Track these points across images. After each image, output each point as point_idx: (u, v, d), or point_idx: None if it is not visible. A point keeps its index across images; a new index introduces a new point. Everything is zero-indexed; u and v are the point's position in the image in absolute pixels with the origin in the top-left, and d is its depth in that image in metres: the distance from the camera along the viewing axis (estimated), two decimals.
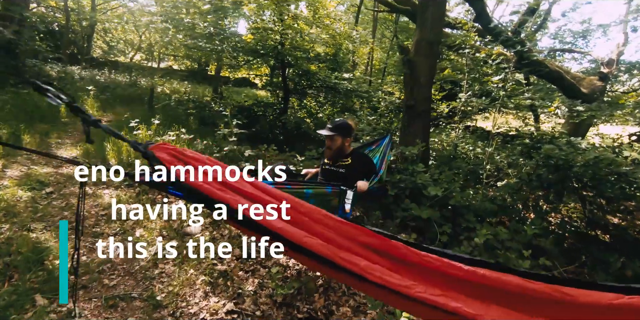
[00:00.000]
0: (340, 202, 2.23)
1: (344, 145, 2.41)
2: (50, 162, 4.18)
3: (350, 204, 2.21)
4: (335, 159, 2.44)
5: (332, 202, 2.23)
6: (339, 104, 7.66)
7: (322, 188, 2.20)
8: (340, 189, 2.21)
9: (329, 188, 2.20)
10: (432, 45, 4.16)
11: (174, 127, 5.51)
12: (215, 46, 6.10)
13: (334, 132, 2.35)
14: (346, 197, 2.22)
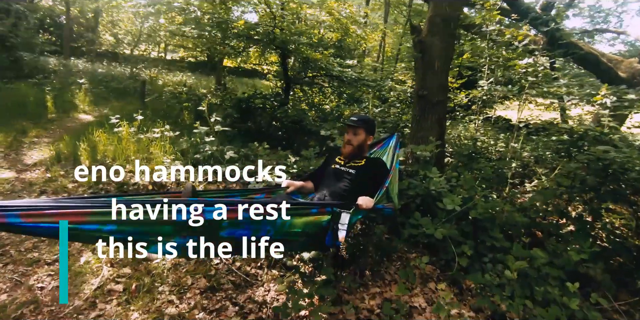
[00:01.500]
0: (330, 228, 1.66)
1: (366, 143, 2.16)
2: (15, 165, 3.74)
3: (345, 230, 1.64)
4: (351, 157, 2.09)
5: (315, 228, 1.66)
6: (345, 94, 7.02)
7: (305, 209, 1.62)
8: (333, 211, 1.64)
9: (315, 210, 1.64)
10: (449, 23, 3.49)
11: (159, 123, 5.01)
12: (202, 31, 5.52)
13: (360, 124, 2.09)
14: (340, 222, 1.64)
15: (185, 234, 1.37)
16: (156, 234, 1.31)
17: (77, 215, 1.13)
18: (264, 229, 1.54)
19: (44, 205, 1.13)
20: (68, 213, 1.11)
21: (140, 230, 1.28)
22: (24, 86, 7.42)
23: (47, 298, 1.93)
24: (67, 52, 12.27)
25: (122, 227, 1.23)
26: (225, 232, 1.45)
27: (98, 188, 3.35)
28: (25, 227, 1.09)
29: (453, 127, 4.87)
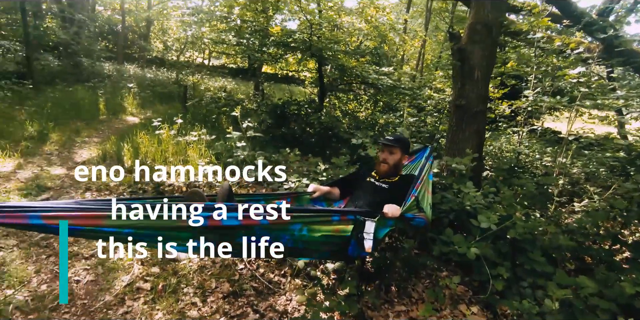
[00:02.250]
0: (354, 237, 1.60)
1: (401, 162, 2.15)
2: (67, 162, 4.03)
3: (371, 239, 1.57)
4: (386, 176, 2.09)
5: (337, 237, 1.60)
6: (381, 102, 6.91)
7: (325, 217, 1.57)
8: (356, 219, 1.58)
9: (336, 217, 1.57)
10: (491, 29, 3.32)
11: (197, 126, 5.21)
12: (240, 39, 5.70)
13: (397, 144, 2.11)
14: (365, 231, 1.58)
15: (204, 239, 1.38)
16: (174, 239, 1.32)
17: (86, 218, 1.15)
18: (284, 238, 1.51)
19: (65, 207, 1.17)
20: (92, 217, 1.14)
21: (159, 234, 1.29)
22: (81, 89, 8.06)
23: (82, 291, 2.03)
24: (120, 59, 13.22)
25: (140, 231, 1.24)
26: (241, 239, 1.44)
27: (136, 187, 3.52)
28: (45, 227, 1.13)
29: (493, 139, 4.62)
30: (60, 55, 10.34)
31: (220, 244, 1.38)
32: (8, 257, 2.20)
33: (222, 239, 1.39)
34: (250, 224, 1.36)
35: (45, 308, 1.86)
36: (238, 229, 1.37)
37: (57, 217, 1.11)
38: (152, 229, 1.25)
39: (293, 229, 1.47)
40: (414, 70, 11.90)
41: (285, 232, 1.49)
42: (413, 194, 1.95)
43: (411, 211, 1.89)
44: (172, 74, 12.05)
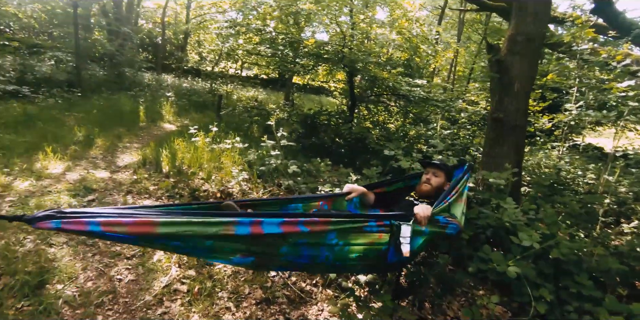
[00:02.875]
0: (391, 243, 1.57)
1: (443, 187, 2.17)
2: (110, 166, 4.26)
3: (409, 243, 1.54)
4: (425, 197, 2.12)
5: (374, 251, 1.59)
6: (412, 113, 6.86)
7: (361, 222, 1.53)
8: (392, 224, 1.56)
9: (372, 222, 1.55)
10: (532, 41, 3.24)
11: (230, 134, 5.37)
12: (275, 51, 5.87)
13: (443, 168, 2.19)
14: (401, 235, 1.56)
15: (246, 254, 1.39)
16: (219, 252, 1.34)
17: (149, 225, 1.19)
18: (323, 255, 1.51)
19: (123, 212, 1.21)
20: (142, 223, 1.18)
21: (204, 247, 1.31)
22: (124, 97, 8.54)
23: (124, 290, 2.12)
24: (159, 69, 13.92)
25: (187, 240, 1.25)
26: (284, 258, 1.45)
27: (174, 192, 3.65)
28: (104, 235, 1.18)
29: (532, 154, 4.44)
30: (105, 66, 11.06)
31: (262, 257, 1.40)
32: (59, 253, 2.34)
33: (264, 252, 1.40)
34: (291, 232, 1.37)
35: (91, 304, 1.95)
36: (279, 240, 1.38)
37: (114, 224, 1.15)
38: (199, 237, 1.25)
39: (330, 240, 1.47)
40: (445, 82, 11.75)
41: (323, 246, 1.49)
42: (447, 200, 1.92)
43: (443, 214, 1.85)
44: (207, 84, 12.54)
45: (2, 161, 3.76)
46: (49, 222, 1.09)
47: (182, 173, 4.12)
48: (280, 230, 1.33)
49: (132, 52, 11.70)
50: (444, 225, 1.82)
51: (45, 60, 9.66)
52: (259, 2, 7.25)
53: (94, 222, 1.12)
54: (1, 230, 2.48)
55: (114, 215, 1.17)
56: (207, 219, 1.23)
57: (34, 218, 1.08)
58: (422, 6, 17.21)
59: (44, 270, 2.13)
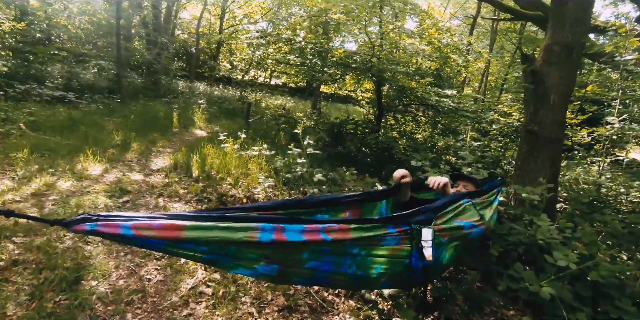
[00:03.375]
0: (414, 247, 1.53)
1: None
2: (144, 169, 4.45)
3: (430, 246, 1.50)
4: None
5: (397, 264, 1.55)
6: (441, 124, 6.74)
7: (379, 230, 1.48)
8: (412, 228, 1.52)
9: (392, 229, 1.50)
10: (570, 51, 3.12)
11: (258, 141, 5.48)
12: (304, 60, 5.99)
13: (474, 183, 2.17)
14: (422, 239, 1.52)
15: (270, 261, 1.40)
16: (243, 259, 1.37)
17: (176, 229, 1.23)
18: (345, 264, 1.50)
19: (153, 216, 1.27)
20: (170, 226, 1.21)
21: (229, 253, 1.33)
22: (159, 104, 8.95)
23: (152, 290, 2.19)
24: (192, 77, 14.51)
25: (213, 246, 1.28)
26: (308, 265, 1.45)
27: (202, 196, 3.76)
28: (135, 239, 1.22)
29: (570, 169, 4.22)
30: (143, 73, 11.67)
31: (286, 265, 1.41)
32: (94, 251, 2.46)
33: (287, 258, 1.41)
34: (314, 240, 1.37)
35: (122, 301, 2.03)
36: (302, 246, 1.38)
37: (144, 228, 1.20)
38: (224, 243, 1.28)
39: (351, 249, 1.46)
40: (476, 92, 11.48)
41: (345, 255, 1.48)
42: (472, 201, 1.87)
43: (471, 219, 1.79)
44: (237, 92, 12.91)
45: (48, 162, 4.03)
46: (85, 225, 1.16)
47: (211, 178, 4.24)
48: (302, 238, 1.34)
49: (168, 61, 12.29)
50: (468, 231, 1.76)
51: (90, 68, 10.32)
52: (290, 13, 7.45)
53: (126, 225, 1.18)
54: (44, 227, 2.64)
55: (144, 218, 1.23)
56: (232, 224, 1.26)
57: (71, 222, 1.15)
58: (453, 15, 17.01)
59: (81, 266, 2.24)
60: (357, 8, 5.66)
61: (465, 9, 18.23)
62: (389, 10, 6.81)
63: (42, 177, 3.52)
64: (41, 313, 1.81)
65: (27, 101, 6.54)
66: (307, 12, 6.50)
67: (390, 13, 7.68)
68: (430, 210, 1.63)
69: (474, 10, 13.92)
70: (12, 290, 1.97)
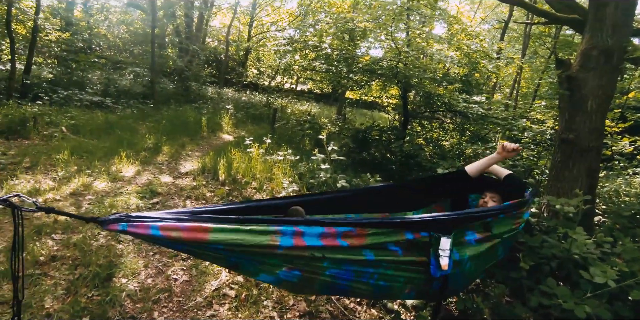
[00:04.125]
0: (432, 256, 1.49)
1: None
2: (173, 172, 4.61)
3: (447, 256, 1.46)
4: None
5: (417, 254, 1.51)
6: (469, 131, 6.56)
7: (397, 235, 1.45)
8: (430, 236, 1.48)
9: (409, 235, 1.47)
10: (609, 55, 2.97)
11: (283, 147, 5.55)
12: (329, 66, 6.03)
13: (501, 193, 2.09)
14: (440, 248, 1.47)
15: (291, 267, 1.40)
16: (265, 264, 1.37)
17: (202, 231, 1.25)
18: (367, 273, 1.47)
19: (181, 217, 1.30)
20: (196, 228, 1.24)
21: (251, 257, 1.34)
22: (189, 109, 9.28)
23: (178, 289, 2.25)
24: (221, 83, 14.95)
25: (236, 252, 1.30)
26: (329, 272, 1.45)
27: (227, 199, 3.85)
28: (163, 239, 1.25)
29: (609, 180, 3.98)
30: (175, 80, 12.16)
31: (307, 273, 1.41)
32: (125, 250, 2.57)
33: (308, 265, 1.41)
34: (331, 246, 1.36)
35: (149, 299, 2.10)
36: (321, 254, 1.38)
37: (171, 229, 1.24)
38: (247, 246, 1.28)
39: (368, 257, 1.43)
40: (507, 98, 11.11)
41: (371, 267, 1.46)
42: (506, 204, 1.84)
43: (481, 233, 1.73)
44: (264, 98, 13.17)
45: (85, 163, 4.26)
46: (118, 224, 1.22)
47: (237, 182, 4.33)
48: (320, 243, 1.34)
49: (198, 68, 12.75)
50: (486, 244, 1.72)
51: (126, 75, 10.88)
52: (316, 19, 7.55)
53: (155, 226, 1.23)
54: (80, 225, 2.79)
55: (172, 220, 1.27)
56: (255, 227, 1.28)
57: (105, 221, 1.21)
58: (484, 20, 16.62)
59: (112, 264, 2.34)
60: (384, 15, 5.65)
61: (496, 13, 17.80)
62: (416, 16, 6.75)
63: (80, 178, 3.73)
64: (75, 307, 1.90)
65: (69, 106, 6.98)
66: (334, 20, 6.56)
67: (417, 19, 7.62)
68: (451, 220, 1.59)
69: (506, 14, 13.57)
70: (50, 284, 2.08)
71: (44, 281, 2.10)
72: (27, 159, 4.11)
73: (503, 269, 2.53)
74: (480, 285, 2.55)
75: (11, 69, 6.44)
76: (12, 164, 3.92)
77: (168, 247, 1.42)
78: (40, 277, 2.13)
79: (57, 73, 8.46)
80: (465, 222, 1.63)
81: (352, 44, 7.22)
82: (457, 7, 12.05)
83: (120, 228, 1.23)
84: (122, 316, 1.94)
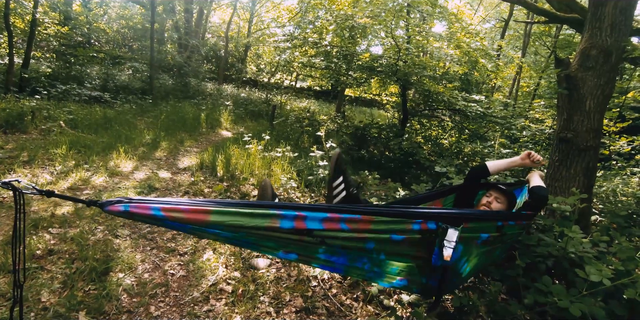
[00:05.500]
0: (437, 244, 1.48)
1: None
2: (172, 168, 4.60)
3: (452, 248, 1.45)
4: None
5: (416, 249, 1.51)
6: (468, 129, 6.57)
7: (403, 224, 1.42)
8: (438, 227, 1.45)
9: (417, 226, 1.44)
10: (609, 55, 2.97)
11: (282, 143, 5.54)
12: (329, 63, 6.01)
13: (507, 195, 2.07)
14: (446, 238, 1.47)
15: (288, 250, 1.42)
16: (263, 247, 1.40)
17: (203, 213, 1.26)
18: (360, 261, 1.50)
19: (181, 201, 1.31)
20: (197, 210, 1.24)
21: (251, 240, 1.37)
22: (188, 105, 9.25)
23: (175, 284, 2.26)
24: (221, 79, 14.90)
25: (235, 233, 1.32)
26: (324, 256, 1.47)
27: (225, 195, 3.84)
28: (164, 220, 1.25)
29: (607, 179, 4.00)
30: (174, 75, 12.10)
31: (302, 257, 1.44)
32: (123, 244, 2.57)
33: (304, 251, 1.44)
34: (332, 229, 1.36)
35: (146, 294, 2.11)
36: (318, 242, 1.39)
37: (174, 210, 1.24)
38: (247, 228, 1.29)
39: (368, 246, 1.44)
40: (506, 97, 11.12)
41: (364, 256, 1.48)
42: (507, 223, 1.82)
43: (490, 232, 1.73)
44: (263, 94, 13.14)
45: (83, 158, 4.25)
46: (119, 205, 1.21)
47: (235, 178, 4.32)
48: (322, 226, 1.33)
49: (197, 64, 12.70)
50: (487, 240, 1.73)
51: (125, 70, 10.83)
52: (316, 16, 7.52)
53: (156, 207, 1.23)
54: (78, 220, 2.78)
55: (174, 202, 1.27)
56: (255, 210, 1.28)
57: (105, 203, 1.21)
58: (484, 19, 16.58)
59: (109, 258, 2.34)
60: (384, 12, 5.63)
61: (498, 12, 17.76)
62: (416, 14, 6.74)
63: (78, 173, 3.72)
64: (72, 301, 1.90)
65: (67, 100, 6.94)
66: (334, 17, 6.53)
67: (418, 17, 7.60)
68: (461, 214, 1.58)
69: (507, 13, 13.54)
70: (47, 278, 2.08)
71: (40, 275, 2.10)
72: (25, 153, 4.09)
73: (499, 267, 2.54)
74: (477, 283, 2.56)
75: (9, 62, 6.40)
76: (9, 157, 3.90)
77: (168, 228, 1.43)
78: (37, 270, 2.13)
79: (56, 67, 8.41)
80: (474, 219, 1.63)
81: (352, 41, 7.20)
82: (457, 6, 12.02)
83: (122, 208, 1.21)
84: (118, 310, 1.94)
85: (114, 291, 2.06)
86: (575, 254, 2.23)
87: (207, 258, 2.56)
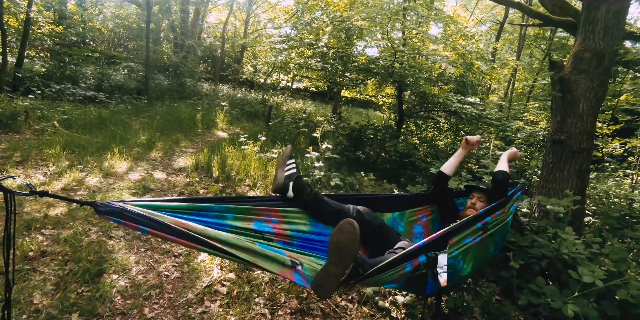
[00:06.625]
0: (429, 274, 1.48)
1: None
2: (167, 168, 4.58)
3: (446, 271, 1.45)
4: None
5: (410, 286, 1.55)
6: (463, 131, 6.61)
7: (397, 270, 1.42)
8: (428, 258, 1.45)
9: (409, 267, 1.43)
10: (601, 58, 3.00)
11: (278, 144, 5.54)
12: (324, 64, 6.02)
13: (488, 193, 2.12)
14: (438, 265, 1.46)
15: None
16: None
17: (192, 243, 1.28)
18: None
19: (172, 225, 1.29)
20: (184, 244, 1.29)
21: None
22: (183, 105, 9.20)
23: (169, 286, 2.24)
24: (217, 80, 14.86)
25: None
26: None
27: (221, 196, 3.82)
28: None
29: (600, 181, 4.04)
30: (170, 75, 12.04)
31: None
32: (117, 245, 2.55)
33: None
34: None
35: (140, 296, 2.09)
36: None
37: (159, 236, 1.28)
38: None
39: None
40: (501, 99, 11.20)
41: None
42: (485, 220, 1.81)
43: (474, 235, 1.73)
44: (259, 95, 13.12)
45: (77, 159, 4.21)
46: (111, 217, 1.21)
47: (231, 179, 4.31)
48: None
49: (193, 64, 12.64)
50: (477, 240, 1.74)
51: (120, 70, 10.75)
52: (313, 17, 7.52)
53: (144, 229, 1.23)
54: (71, 221, 2.76)
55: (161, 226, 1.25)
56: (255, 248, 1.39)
57: (100, 210, 1.20)
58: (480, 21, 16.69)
59: (103, 260, 2.32)
60: (380, 14, 5.65)
61: (494, 15, 17.90)
62: (412, 16, 6.77)
63: (72, 173, 3.69)
64: (65, 303, 1.88)
65: (62, 100, 6.88)
66: (330, 18, 6.54)
67: (414, 19, 7.63)
68: (444, 236, 1.57)
69: (502, 16, 13.64)
70: (40, 279, 2.06)
71: (33, 276, 2.08)
72: (18, 153, 4.05)
73: (494, 268, 2.56)
74: (471, 285, 2.58)
75: (3, 62, 6.33)
76: (2, 158, 3.86)
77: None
78: (29, 272, 2.11)
79: (50, 67, 8.33)
80: (455, 233, 1.62)
81: (349, 42, 7.22)
82: (453, 9, 12.10)
83: (113, 219, 1.22)
84: (112, 312, 1.93)
85: (108, 293, 2.05)
86: (568, 255, 2.25)
87: (202, 259, 2.55)
